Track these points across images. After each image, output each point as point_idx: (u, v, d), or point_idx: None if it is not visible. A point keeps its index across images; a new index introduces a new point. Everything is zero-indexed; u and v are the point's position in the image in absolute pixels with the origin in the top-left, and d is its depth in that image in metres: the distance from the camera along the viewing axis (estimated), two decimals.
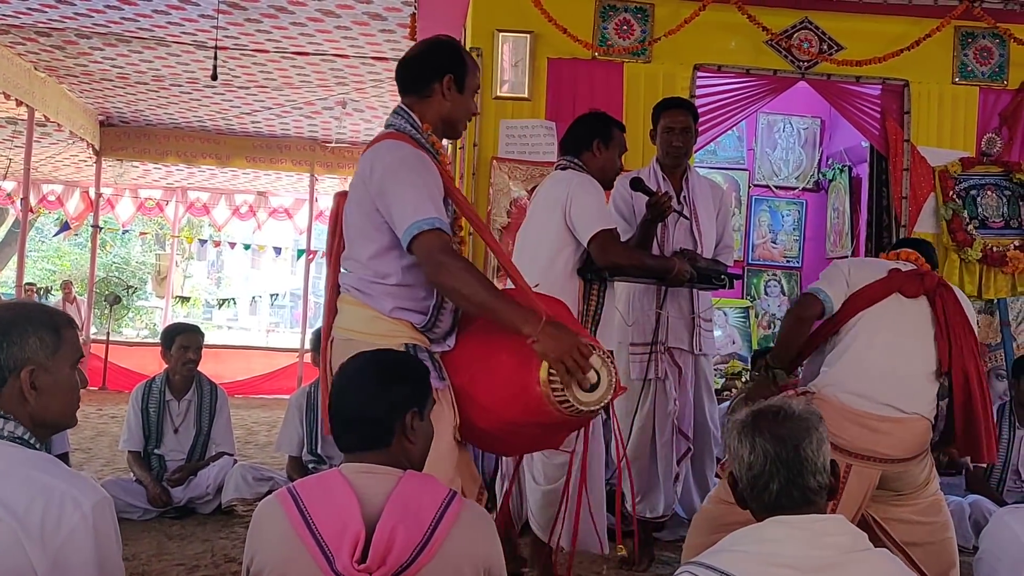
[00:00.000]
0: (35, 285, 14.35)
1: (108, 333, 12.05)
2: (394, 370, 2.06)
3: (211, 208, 14.36)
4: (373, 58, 7.93)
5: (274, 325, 28.39)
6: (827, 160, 7.26)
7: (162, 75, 8.98)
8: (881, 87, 5.52)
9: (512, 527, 3.88)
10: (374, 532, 1.81)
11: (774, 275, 7.23)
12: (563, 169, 3.76)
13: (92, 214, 12.55)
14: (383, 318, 2.51)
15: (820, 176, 7.26)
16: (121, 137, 11.41)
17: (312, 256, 12.29)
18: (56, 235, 18.31)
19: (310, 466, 5.03)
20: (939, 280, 3.28)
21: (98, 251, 13.54)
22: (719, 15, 5.25)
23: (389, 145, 2.56)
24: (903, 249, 3.44)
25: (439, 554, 1.84)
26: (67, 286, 13.46)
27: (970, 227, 5.48)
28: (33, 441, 1.82)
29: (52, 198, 13.99)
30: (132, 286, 19.53)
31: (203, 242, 16.13)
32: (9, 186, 13.79)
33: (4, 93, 8.37)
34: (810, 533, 1.77)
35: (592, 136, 3.74)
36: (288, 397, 5.98)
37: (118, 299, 13.08)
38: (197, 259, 24.03)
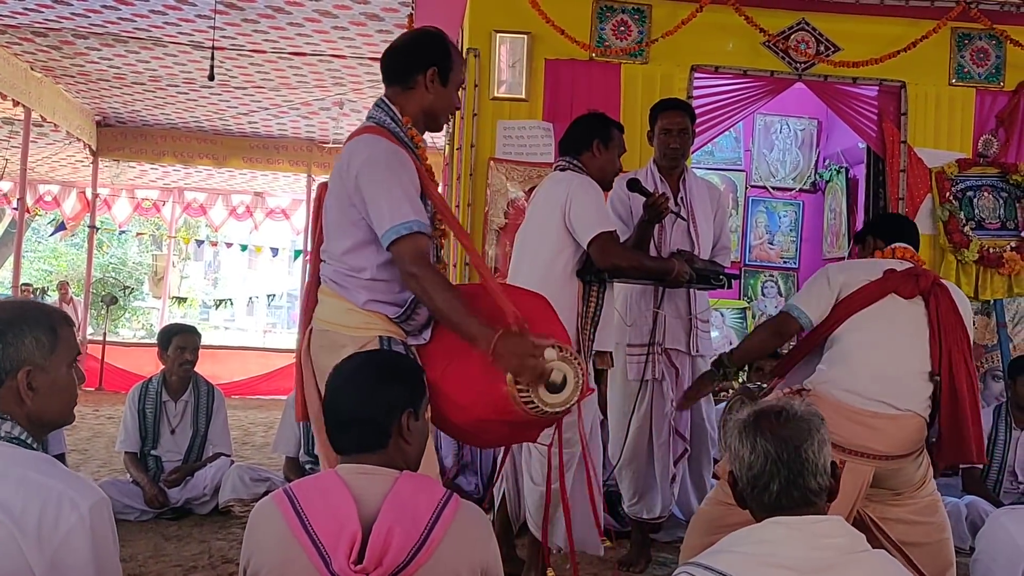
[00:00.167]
0: (31, 286, 14.33)
1: (105, 334, 12.04)
2: (389, 370, 2.06)
3: (208, 208, 14.35)
4: (370, 59, 7.93)
5: (271, 326, 28.36)
6: (824, 161, 7.27)
7: (159, 75, 8.98)
8: (878, 88, 5.52)
9: (510, 528, 3.88)
10: (370, 533, 1.81)
11: (771, 276, 7.23)
12: (562, 170, 3.75)
13: (89, 214, 12.54)
14: (357, 310, 2.54)
15: (817, 177, 7.27)
16: (118, 137, 11.40)
17: (309, 257, 12.28)
18: (52, 235, 18.28)
19: (307, 467, 5.03)
20: (935, 279, 3.28)
21: (95, 252, 13.53)
22: (716, 16, 5.25)
23: (367, 140, 2.57)
24: (899, 246, 3.44)
25: (436, 555, 1.83)
26: (63, 287, 13.45)
27: (966, 228, 5.48)
28: (30, 441, 1.82)
29: (49, 198, 13.98)
30: (129, 287, 19.50)
31: (200, 242, 16.16)
32: (6, 186, 13.78)
33: (0, 93, 8.37)
34: (809, 534, 1.78)
35: (592, 137, 3.74)
36: (285, 398, 5.98)
37: (115, 300, 13.08)
38: (194, 259, 24.04)
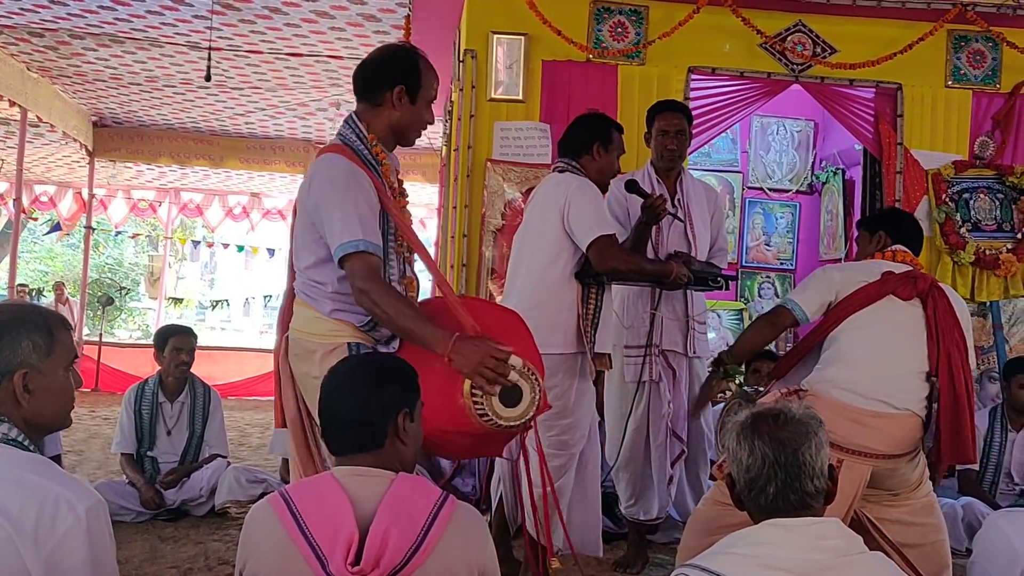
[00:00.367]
0: (27, 286, 14.31)
1: (101, 335, 12.02)
2: (385, 372, 2.06)
3: (204, 209, 14.32)
4: None
5: (267, 327, 28.24)
6: (820, 163, 7.28)
7: (155, 76, 8.97)
8: (874, 90, 5.53)
9: (507, 529, 3.88)
10: (367, 534, 1.81)
11: (768, 277, 7.24)
12: (561, 171, 3.75)
13: (85, 215, 12.52)
14: (325, 319, 2.63)
15: (813, 179, 7.27)
16: (114, 138, 11.38)
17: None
18: (47, 234, 18.25)
19: None
20: (932, 282, 3.30)
21: (91, 252, 13.50)
22: (713, 18, 5.25)
23: (327, 160, 2.64)
24: (899, 248, 3.46)
25: (432, 556, 1.84)
26: (59, 287, 13.44)
27: (963, 230, 5.49)
28: (27, 443, 1.82)
29: (45, 199, 13.95)
30: (125, 287, 19.43)
31: (196, 243, 16.12)
32: (2, 187, 13.76)
33: None
34: (806, 536, 1.78)
35: (592, 141, 3.74)
36: None
37: (111, 300, 13.05)
38: (190, 260, 24.00)
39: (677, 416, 4.22)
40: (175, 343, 5.05)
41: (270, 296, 18.48)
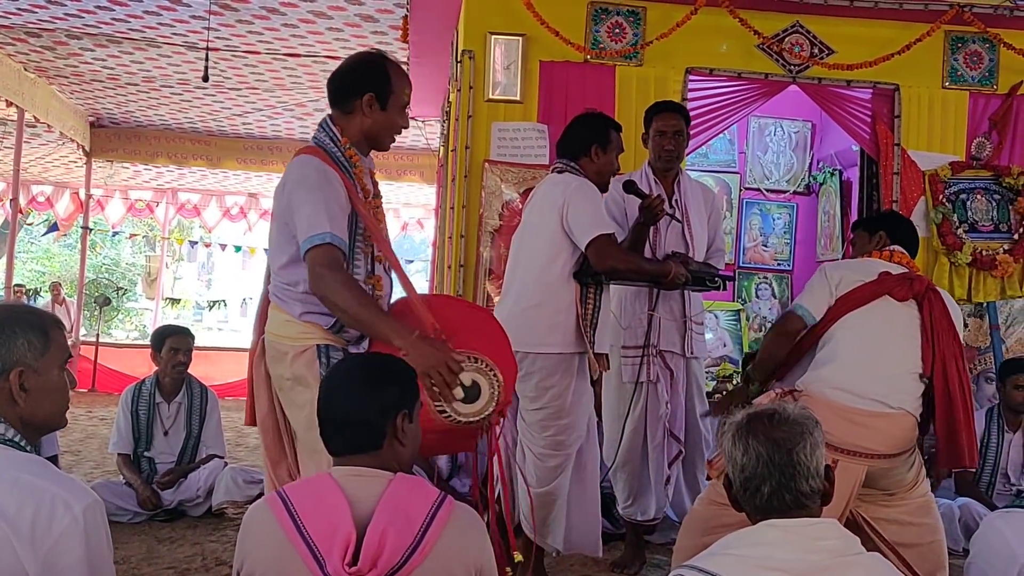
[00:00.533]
0: (24, 287, 14.28)
1: (98, 335, 11.99)
2: (383, 372, 2.06)
3: (202, 210, 14.30)
4: None
5: None
6: (818, 163, 7.28)
7: (153, 76, 8.95)
8: (872, 91, 5.53)
9: (504, 529, 3.87)
10: (365, 535, 1.81)
11: (765, 278, 7.24)
12: (559, 172, 3.75)
13: (82, 215, 12.50)
14: (295, 322, 2.67)
15: (811, 179, 7.27)
16: (111, 138, 11.36)
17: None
18: (44, 235, 18.21)
19: None
20: (928, 284, 3.31)
21: (88, 253, 13.48)
22: (711, 19, 5.25)
23: (300, 161, 2.70)
24: (896, 249, 3.46)
25: (430, 556, 1.84)
26: (56, 288, 13.40)
27: (960, 231, 5.50)
28: (23, 443, 1.82)
29: (42, 199, 13.92)
30: (122, 288, 19.41)
31: (194, 244, 16.09)
32: None
33: None
34: (803, 537, 1.78)
35: (590, 142, 3.74)
36: None
37: (108, 301, 13.01)
38: (187, 261, 23.97)
39: (674, 416, 4.22)
40: (172, 343, 5.05)
41: None
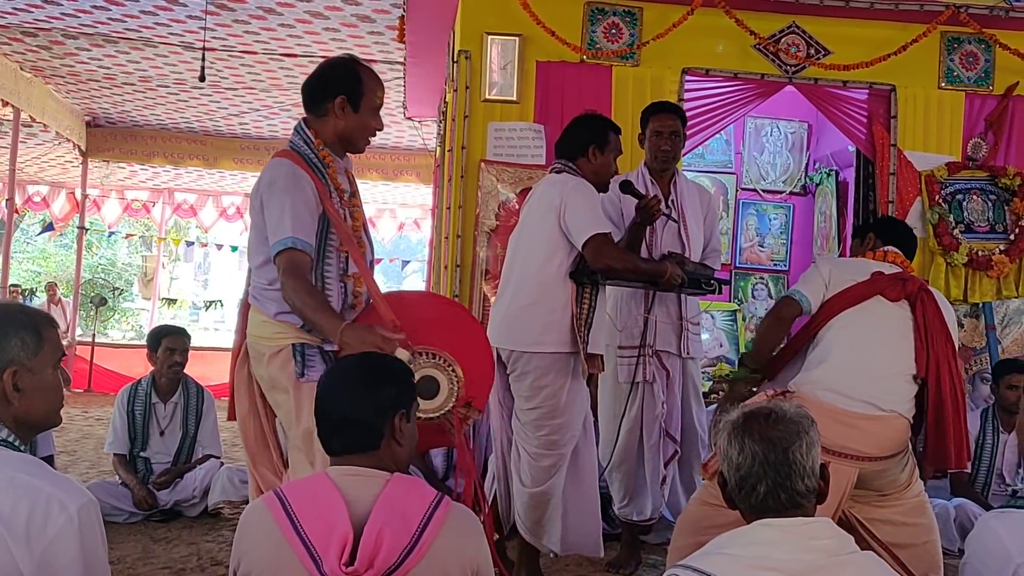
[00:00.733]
0: (20, 287, 14.25)
1: (94, 335, 11.97)
2: (381, 372, 2.06)
3: (198, 210, 14.29)
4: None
5: None
6: (814, 164, 7.29)
7: (149, 76, 8.95)
8: (868, 92, 5.54)
9: (500, 529, 3.88)
10: (362, 534, 1.81)
11: (761, 278, 7.24)
12: (558, 172, 3.76)
13: (78, 215, 12.48)
14: (270, 322, 2.76)
15: (807, 180, 7.28)
16: (107, 138, 11.35)
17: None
18: (39, 234, 18.18)
19: None
20: (921, 285, 3.30)
21: (84, 253, 13.45)
22: (707, 19, 5.25)
23: (273, 164, 2.80)
24: (890, 249, 3.46)
25: (427, 556, 1.83)
26: (52, 288, 13.37)
27: (956, 231, 5.50)
28: (17, 443, 1.81)
29: (38, 199, 13.90)
30: (118, 288, 19.37)
31: (190, 244, 16.07)
32: None
33: None
34: (798, 537, 1.77)
35: (588, 143, 3.74)
36: None
37: (104, 301, 13.00)
38: (184, 261, 23.92)
39: (671, 416, 4.22)
40: (168, 343, 5.04)
41: None
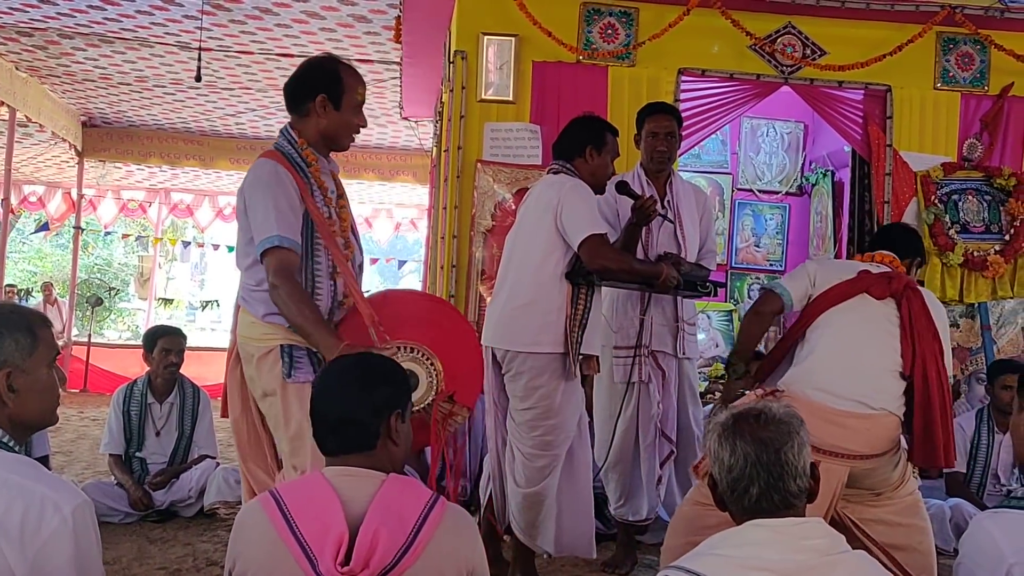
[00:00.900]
0: (16, 287, 14.23)
1: (89, 335, 11.95)
2: (376, 373, 2.06)
3: (194, 210, 14.28)
4: (358, 60, 7.91)
5: None
6: (810, 164, 7.30)
7: (145, 76, 8.94)
8: (863, 92, 5.55)
9: (496, 529, 3.88)
10: (357, 534, 1.81)
11: (757, 279, 7.26)
12: (555, 173, 3.76)
13: (74, 215, 12.46)
14: (259, 323, 2.77)
15: (803, 180, 7.30)
16: (104, 138, 11.34)
17: None
18: (34, 233, 18.15)
19: None
20: (908, 283, 3.28)
21: (80, 253, 13.43)
22: (703, 19, 5.26)
23: (257, 164, 2.83)
24: (880, 251, 3.46)
25: (423, 556, 1.84)
26: (48, 288, 13.35)
27: (951, 232, 5.51)
28: (12, 444, 1.81)
29: (34, 199, 13.89)
30: (114, 288, 19.38)
31: (186, 244, 16.05)
32: None
33: None
34: (790, 537, 1.77)
35: (585, 143, 3.74)
36: None
37: (100, 301, 13.00)
38: (180, 261, 23.88)
39: (666, 417, 4.22)
40: (164, 344, 5.04)
41: None
